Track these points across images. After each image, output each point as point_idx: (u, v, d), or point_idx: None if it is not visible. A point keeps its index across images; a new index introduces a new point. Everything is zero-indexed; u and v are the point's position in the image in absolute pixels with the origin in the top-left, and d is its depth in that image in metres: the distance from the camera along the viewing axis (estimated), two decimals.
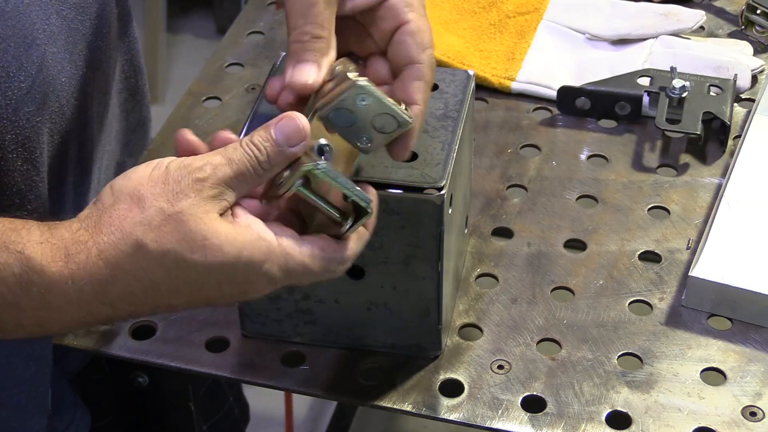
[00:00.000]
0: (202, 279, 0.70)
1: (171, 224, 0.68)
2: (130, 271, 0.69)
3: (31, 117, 0.80)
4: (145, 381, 0.95)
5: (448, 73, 0.91)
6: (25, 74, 0.79)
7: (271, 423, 1.83)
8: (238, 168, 0.70)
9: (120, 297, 0.70)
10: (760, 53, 1.18)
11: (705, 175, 1.06)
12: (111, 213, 0.69)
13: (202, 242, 0.68)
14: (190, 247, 0.68)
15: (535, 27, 1.21)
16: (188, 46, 2.78)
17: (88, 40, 0.87)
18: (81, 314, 0.70)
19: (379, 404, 0.87)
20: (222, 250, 0.69)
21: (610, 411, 0.86)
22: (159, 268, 0.69)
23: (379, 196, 0.81)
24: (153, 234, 0.68)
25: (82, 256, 0.69)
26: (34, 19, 0.80)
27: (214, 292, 0.71)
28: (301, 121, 0.72)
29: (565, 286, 0.96)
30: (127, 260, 0.68)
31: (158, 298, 0.70)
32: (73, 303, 0.69)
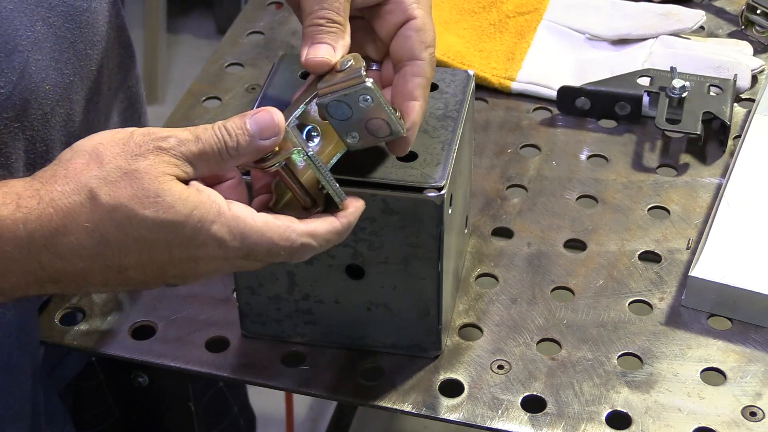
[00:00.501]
0: (152, 236, 0.69)
1: (126, 180, 0.68)
2: (81, 223, 0.69)
3: (9, 123, 0.80)
4: (145, 381, 0.95)
5: (448, 73, 0.91)
6: (5, 80, 0.79)
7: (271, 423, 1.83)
8: (204, 147, 0.70)
9: (71, 249, 0.69)
10: (760, 53, 1.18)
11: (705, 175, 1.06)
12: (67, 166, 0.70)
13: (154, 199, 0.68)
14: (141, 203, 0.68)
15: (535, 27, 1.21)
16: (188, 46, 2.78)
17: (76, 48, 0.86)
18: (32, 266, 0.69)
19: (379, 404, 0.87)
20: (173, 207, 0.69)
21: (610, 411, 0.86)
22: (110, 222, 0.69)
23: (379, 196, 0.81)
24: (107, 188, 0.68)
25: (33, 202, 0.69)
26: (18, 26, 0.79)
27: (164, 255, 0.70)
28: (277, 117, 0.72)
29: (565, 286, 0.96)
30: (78, 211, 0.68)
31: (108, 255, 0.70)
32: (24, 249, 0.69)
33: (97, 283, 0.72)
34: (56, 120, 0.85)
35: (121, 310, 0.94)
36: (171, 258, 0.71)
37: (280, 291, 0.88)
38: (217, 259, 0.72)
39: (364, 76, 0.75)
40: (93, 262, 0.70)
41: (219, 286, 0.95)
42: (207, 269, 0.73)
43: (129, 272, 0.71)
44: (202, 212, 0.70)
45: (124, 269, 0.71)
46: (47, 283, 0.71)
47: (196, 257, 0.71)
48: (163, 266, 0.71)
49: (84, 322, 0.93)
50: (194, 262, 0.72)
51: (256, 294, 0.88)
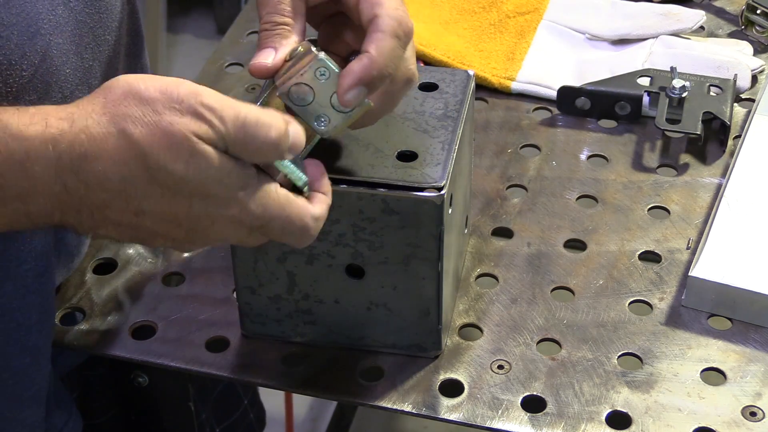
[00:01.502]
0: (177, 188, 0.70)
1: (160, 130, 0.69)
2: (111, 155, 0.69)
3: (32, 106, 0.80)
4: (145, 381, 0.95)
5: (448, 73, 0.91)
6: (27, 63, 0.79)
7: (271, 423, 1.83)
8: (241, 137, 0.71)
9: (96, 178, 0.69)
10: (760, 53, 1.18)
11: (705, 175, 1.06)
12: (106, 94, 0.70)
13: (186, 159, 0.69)
14: (174, 159, 0.69)
15: (535, 27, 1.21)
16: (188, 46, 2.78)
17: (95, 32, 0.87)
18: (58, 188, 0.70)
19: (379, 404, 0.87)
20: (204, 170, 0.70)
21: (610, 411, 0.86)
22: (139, 163, 0.69)
23: (379, 196, 0.81)
24: (142, 129, 0.69)
25: (65, 125, 0.69)
26: (40, 9, 0.80)
27: (183, 207, 0.71)
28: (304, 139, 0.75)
29: (565, 286, 0.96)
30: (110, 142, 0.69)
31: (131, 193, 0.70)
32: (51, 171, 0.69)
33: (111, 223, 0.72)
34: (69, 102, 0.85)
35: (121, 310, 0.94)
36: (189, 211, 0.72)
37: (280, 291, 0.88)
38: (233, 223, 0.73)
39: (315, 50, 0.76)
40: (115, 197, 0.70)
41: (219, 286, 0.95)
42: (219, 233, 0.73)
43: (145, 218, 0.71)
44: (232, 178, 0.71)
45: (141, 213, 0.71)
46: (69, 211, 0.71)
47: (213, 216, 0.72)
48: (179, 219, 0.72)
49: (84, 322, 0.93)
50: (210, 221, 0.72)
51: (256, 294, 0.88)
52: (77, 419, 0.96)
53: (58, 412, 0.93)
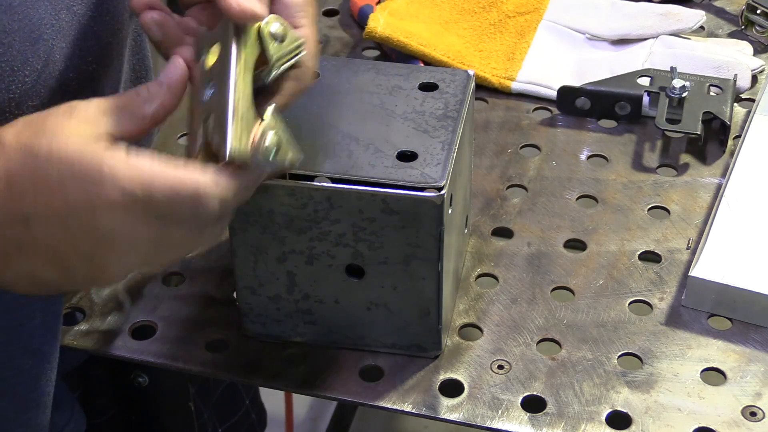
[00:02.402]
0: (47, 173, 0.67)
1: (32, 125, 0.69)
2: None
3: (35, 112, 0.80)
4: (145, 381, 0.95)
5: (448, 72, 0.91)
6: (30, 69, 0.79)
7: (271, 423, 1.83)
8: (117, 100, 0.71)
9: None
10: (760, 53, 1.18)
11: (705, 175, 1.06)
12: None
13: (51, 133, 0.68)
14: (38, 137, 0.68)
15: (535, 27, 1.21)
16: None
17: (98, 36, 0.87)
18: None
19: (379, 404, 0.87)
20: (68, 139, 0.68)
21: (610, 411, 0.86)
22: (11, 160, 0.68)
23: (379, 196, 0.81)
24: (12, 130, 0.69)
25: None
26: (42, 14, 0.80)
27: (59, 198, 0.68)
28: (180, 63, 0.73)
29: (565, 286, 0.96)
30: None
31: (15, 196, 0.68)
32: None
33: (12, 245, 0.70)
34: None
35: (121, 310, 0.94)
36: (67, 203, 0.68)
37: (280, 291, 0.88)
38: (117, 209, 0.67)
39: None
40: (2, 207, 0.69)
41: (219, 286, 0.95)
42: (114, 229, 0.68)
43: (36, 228, 0.68)
44: (96, 148, 0.68)
45: (27, 221, 0.68)
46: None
47: (92, 204, 0.67)
48: (64, 219, 0.68)
49: (84, 322, 0.93)
50: (92, 212, 0.68)
51: (256, 294, 0.88)
52: (80, 418, 0.96)
53: (58, 412, 0.93)
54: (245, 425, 1.23)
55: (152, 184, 0.67)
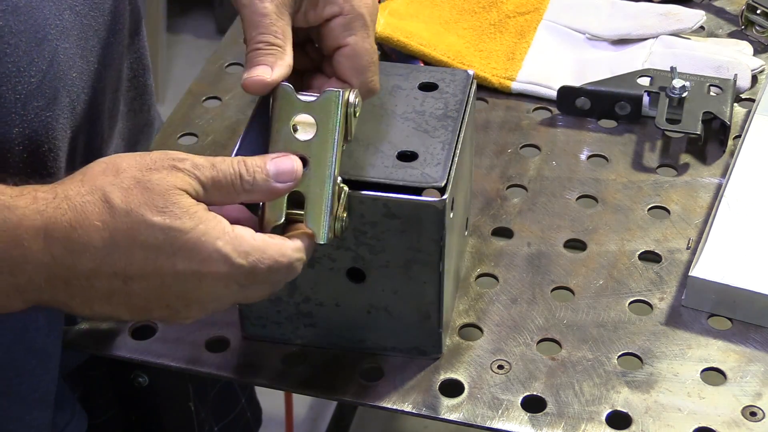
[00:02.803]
0: (158, 243, 0.71)
1: (139, 188, 0.71)
2: (93, 221, 0.71)
3: (40, 112, 0.81)
4: (145, 381, 0.95)
5: (448, 72, 0.91)
6: (35, 69, 0.79)
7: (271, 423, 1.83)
8: (218, 176, 0.73)
9: (81, 245, 0.71)
10: (760, 53, 1.18)
11: (705, 175, 1.06)
12: (85, 172, 0.73)
13: (163, 207, 0.71)
14: (150, 210, 0.71)
15: (535, 27, 1.21)
16: (188, 46, 2.78)
17: (100, 36, 0.87)
18: (46, 258, 0.71)
19: (379, 404, 0.87)
20: (180, 218, 0.71)
21: (610, 411, 0.86)
22: (120, 224, 0.71)
23: (381, 201, 0.81)
24: (119, 193, 0.71)
25: (49, 196, 0.71)
26: (47, 15, 0.80)
27: (168, 265, 0.72)
28: (296, 165, 0.75)
29: (565, 286, 0.96)
30: (91, 209, 0.71)
31: (116, 258, 0.72)
32: (39, 239, 0.71)
33: (102, 294, 0.73)
34: (82, 108, 0.86)
35: None
36: (175, 270, 0.72)
37: (280, 293, 0.87)
38: (221, 278, 0.73)
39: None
40: (101, 263, 0.72)
41: None
42: (210, 292, 0.74)
43: (133, 284, 0.73)
44: (207, 227, 0.72)
45: (129, 279, 0.72)
46: (59, 282, 0.73)
47: (199, 273, 0.73)
48: (167, 281, 0.73)
49: (84, 321, 0.93)
50: (198, 280, 0.73)
51: None
52: (81, 418, 0.96)
53: (60, 412, 0.93)
54: (241, 423, 1.23)
55: (257, 258, 0.73)
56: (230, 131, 1.11)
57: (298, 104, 0.79)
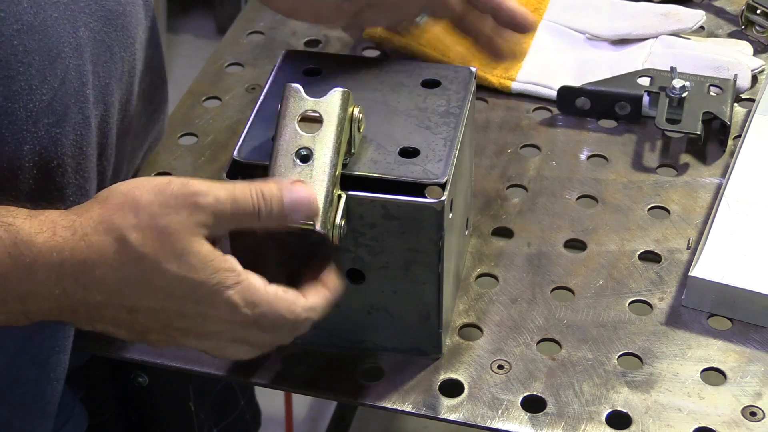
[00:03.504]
0: (171, 288, 0.73)
1: (156, 232, 0.73)
2: (108, 261, 0.73)
3: (50, 128, 0.81)
4: (145, 381, 0.95)
5: (451, 69, 0.91)
6: (47, 87, 0.80)
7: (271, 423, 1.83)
8: (238, 211, 0.75)
9: (94, 282, 0.73)
10: (760, 53, 1.18)
11: (705, 175, 1.06)
12: (103, 205, 0.74)
13: (179, 256, 0.73)
14: (167, 257, 0.73)
15: (535, 27, 1.20)
16: (188, 46, 2.78)
17: (113, 51, 0.87)
18: (57, 291, 0.73)
19: (379, 404, 0.87)
20: (196, 268, 0.73)
21: (610, 411, 0.86)
22: (135, 266, 0.73)
23: (379, 202, 0.81)
24: (137, 235, 0.73)
25: (68, 233, 0.73)
26: (61, 33, 0.81)
27: (176, 306, 0.74)
28: (314, 200, 0.77)
29: (565, 286, 0.96)
30: (108, 249, 0.73)
31: (126, 294, 0.74)
32: (53, 275, 0.73)
33: (107, 320, 0.76)
34: (91, 123, 0.86)
35: None
36: (182, 311, 0.75)
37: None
38: (224, 321, 0.75)
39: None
40: (110, 297, 0.74)
41: None
42: (211, 329, 0.76)
43: (139, 315, 0.75)
44: (221, 277, 0.74)
45: (135, 311, 0.74)
46: (66, 310, 0.75)
47: (205, 314, 0.75)
48: (172, 317, 0.75)
49: None
50: (202, 319, 0.75)
51: None
52: (81, 418, 0.96)
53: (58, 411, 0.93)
54: (240, 425, 1.23)
55: (264, 310, 0.75)
56: (230, 131, 1.11)
57: (306, 102, 0.81)
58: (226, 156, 1.06)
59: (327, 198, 0.78)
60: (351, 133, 0.82)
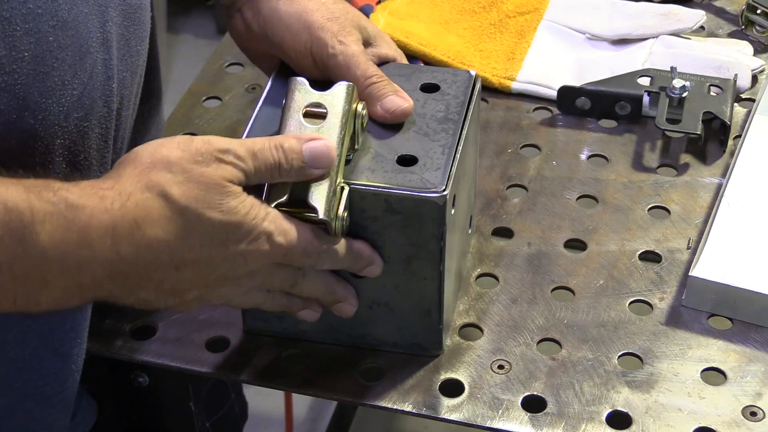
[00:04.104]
0: (214, 233, 0.76)
1: (193, 183, 0.75)
2: (156, 217, 0.75)
3: (79, 122, 0.82)
4: (145, 381, 0.95)
5: (450, 73, 0.91)
6: (78, 82, 0.81)
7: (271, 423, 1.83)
8: (260, 165, 0.78)
9: (146, 240, 0.75)
10: (760, 53, 1.19)
11: (705, 175, 1.06)
12: (135, 165, 0.76)
13: (219, 202, 0.76)
14: (208, 205, 0.76)
15: (535, 27, 1.21)
16: (188, 46, 2.78)
17: (130, 44, 0.88)
18: (112, 256, 0.74)
19: (379, 404, 0.87)
20: (235, 209, 0.76)
21: (611, 411, 0.86)
22: (180, 218, 0.75)
23: (382, 196, 0.81)
24: (177, 188, 0.75)
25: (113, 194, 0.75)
26: (91, 28, 0.81)
27: (220, 249, 0.77)
28: (332, 152, 0.79)
29: (565, 286, 0.96)
30: (152, 205, 0.75)
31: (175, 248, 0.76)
32: (108, 240, 0.74)
33: (153, 284, 0.77)
34: (112, 117, 0.87)
35: (121, 310, 0.94)
36: (225, 253, 0.77)
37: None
38: (263, 255, 0.78)
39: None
40: (160, 255, 0.76)
41: None
42: (250, 268, 0.79)
43: (185, 271, 0.77)
44: (256, 211, 0.78)
45: (181, 267, 0.77)
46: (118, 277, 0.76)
47: (246, 253, 0.78)
48: (216, 263, 0.78)
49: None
50: (243, 258, 0.78)
51: None
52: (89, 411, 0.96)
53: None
54: (230, 418, 1.24)
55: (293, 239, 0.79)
56: (230, 131, 1.11)
57: (311, 95, 0.82)
58: None
59: (331, 187, 0.79)
60: (355, 128, 0.82)
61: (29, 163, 0.79)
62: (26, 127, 0.78)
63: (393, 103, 0.86)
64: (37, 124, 0.79)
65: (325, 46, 0.89)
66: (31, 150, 0.79)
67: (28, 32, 0.77)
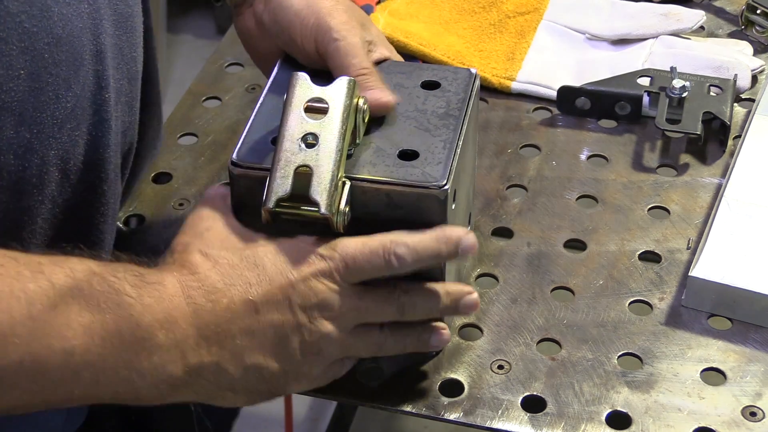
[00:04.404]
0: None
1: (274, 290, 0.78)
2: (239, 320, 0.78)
3: (72, 133, 0.82)
4: None
5: (450, 71, 0.91)
6: (72, 94, 0.81)
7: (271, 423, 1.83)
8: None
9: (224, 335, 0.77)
10: (760, 53, 1.19)
11: (705, 175, 1.06)
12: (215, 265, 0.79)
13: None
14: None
15: (535, 27, 1.21)
16: (188, 46, 2.79)
17: (124, 52, 0.88)
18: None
19: (379, 404, 0.87)
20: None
21: (610, 411, 0.86)
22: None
23: (383, 191, 0.81)
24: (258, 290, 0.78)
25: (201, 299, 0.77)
26: (85, 42, 0.82)
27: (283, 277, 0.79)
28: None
29: (565, 286, 0.96)
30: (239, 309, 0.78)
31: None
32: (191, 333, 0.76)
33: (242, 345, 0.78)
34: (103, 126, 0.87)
35: None
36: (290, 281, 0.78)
37: None
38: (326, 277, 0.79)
39: None
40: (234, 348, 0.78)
41: None
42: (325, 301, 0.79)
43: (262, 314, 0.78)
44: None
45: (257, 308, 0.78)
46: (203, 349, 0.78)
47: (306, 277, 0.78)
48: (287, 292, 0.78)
49: None
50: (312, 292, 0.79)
51: None
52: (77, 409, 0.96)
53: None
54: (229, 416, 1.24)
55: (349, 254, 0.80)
56: (230, 131, 1.11)
57: (313, 90, 0.82)
58: (226, 156, 1.06)
59: (332, 181, 0.79)
60: (356, 122, 0.82)
61: (26, 176, 0.79)
62: (22, 142, 0.78)
63: (374, 95, 0.86)
64: (33, 138, 0.79)
65: (330, 31, 0.89)
66: (28, 163, 0.79)
67: (23, 51, 0.77)
